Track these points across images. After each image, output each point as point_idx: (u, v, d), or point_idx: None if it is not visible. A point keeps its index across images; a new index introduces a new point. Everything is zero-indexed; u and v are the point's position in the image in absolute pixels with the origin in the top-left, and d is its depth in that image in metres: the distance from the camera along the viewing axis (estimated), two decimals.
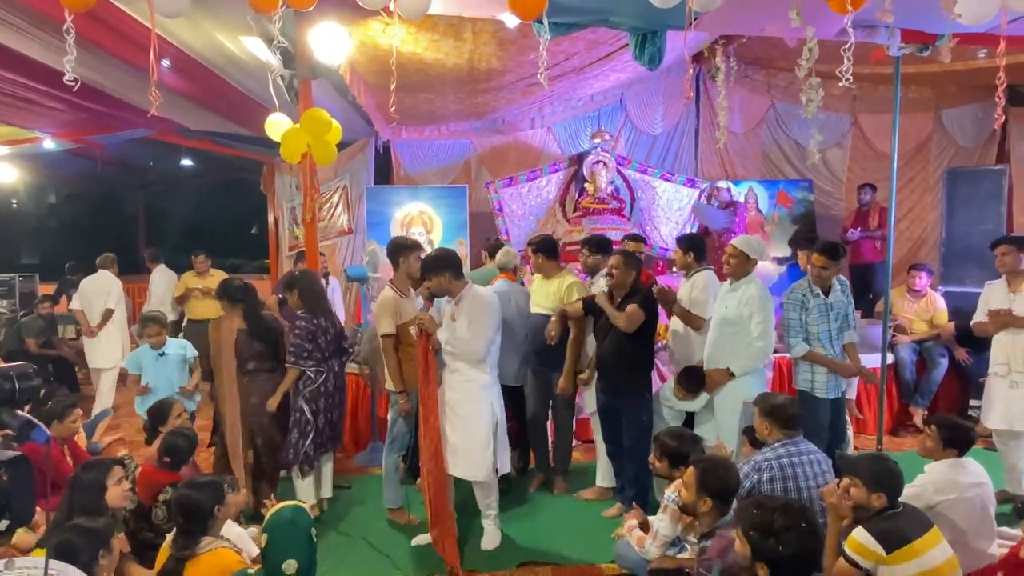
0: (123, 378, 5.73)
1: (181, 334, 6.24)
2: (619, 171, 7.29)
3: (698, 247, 4.28)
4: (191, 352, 4.65)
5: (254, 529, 3.26)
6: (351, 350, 4.38)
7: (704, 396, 3.90)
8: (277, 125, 4.37)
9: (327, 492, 4.22)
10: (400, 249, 4.01)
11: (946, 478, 2.95)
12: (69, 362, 7.10)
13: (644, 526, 3.12)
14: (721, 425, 3.81)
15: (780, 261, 7.31)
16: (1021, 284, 4.03)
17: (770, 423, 3.09)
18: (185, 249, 7.30)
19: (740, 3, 3.47)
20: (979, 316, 4.34)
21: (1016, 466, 4.12)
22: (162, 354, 4.23)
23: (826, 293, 3.97)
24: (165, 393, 4.31)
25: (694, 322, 4.07)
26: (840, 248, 4.00)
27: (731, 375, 3.78)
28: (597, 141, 7.23)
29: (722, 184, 7.25)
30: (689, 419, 4.09)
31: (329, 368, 4.06)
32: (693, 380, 3.89)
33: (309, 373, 3.98)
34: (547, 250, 4.39)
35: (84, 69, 4.10)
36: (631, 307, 3.75)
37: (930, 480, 2.96)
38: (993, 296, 4.19)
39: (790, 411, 3.05)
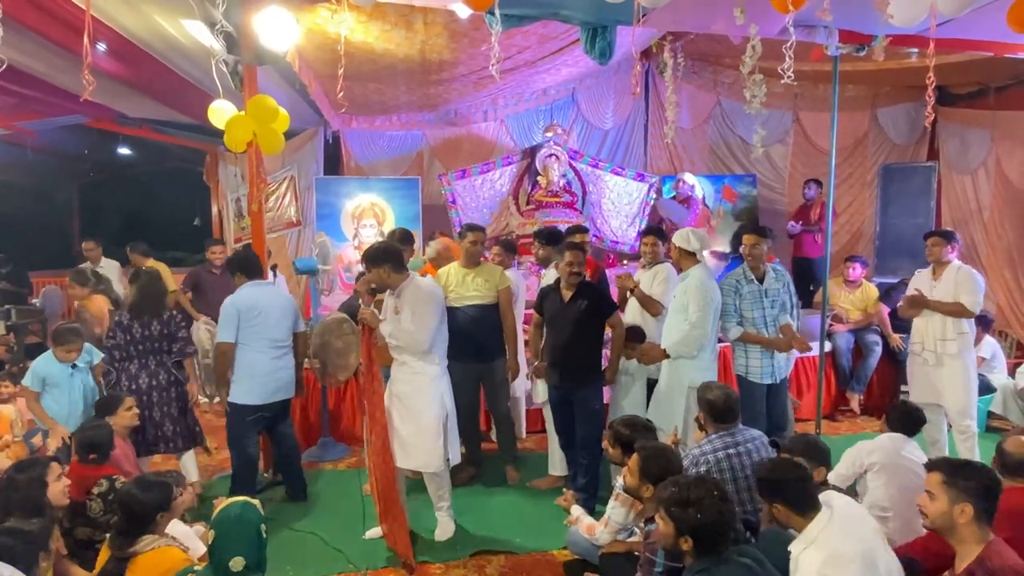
0: None
1: None
2: (571, 165, 7.34)
3: (667, 240, 4.44)
4: (96, 355, 4.25)
5: (200, 527, 3.19)
6: (176, 355, 4.11)
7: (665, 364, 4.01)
8: (221, 112, 4.23)
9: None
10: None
11: (881, 444, 3.19)
12: None
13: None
14: (668, 409, 3.92)
15: (723, 256, 7.47)
16: (942, 274, 4.33)
17: (704, 416, 3.19)
18: (122, 241, 6.98)
19: (687, 0, 3.54)
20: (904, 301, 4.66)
21: (938, 440, 4.37)
22: (74, 366, 4.00)
23: (760, 280, 4.17)
24: (86, 402, 3.99)
25: (653, 307, 4.19)
26: (766, 227, 4.29)
27: (666, 355, 3.92)
28: (550, 135, 7.25)
29: (688, 179, 7.39)
30: (649, 396, 4.15)
31: (123, 369, 3.99)
32: (635, 335, 4.09)
33: (111, 368, 4.06)
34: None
35: (12, 51, 3.89)
36: (616, 319, 3.95)
37: (867, 443, 3.25)
38: (919, 283, 4.49)
39: (720, 405, 3.12)
